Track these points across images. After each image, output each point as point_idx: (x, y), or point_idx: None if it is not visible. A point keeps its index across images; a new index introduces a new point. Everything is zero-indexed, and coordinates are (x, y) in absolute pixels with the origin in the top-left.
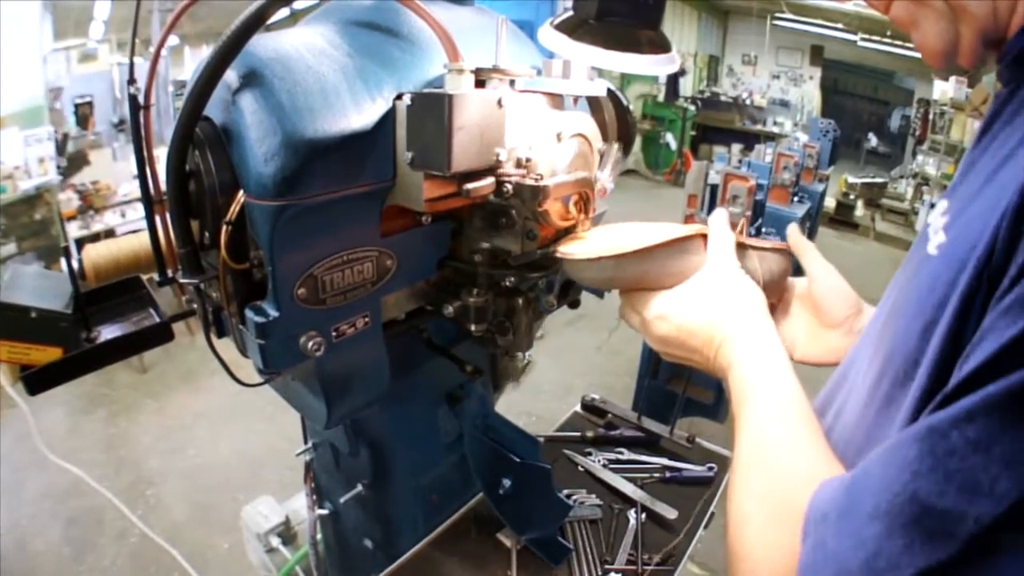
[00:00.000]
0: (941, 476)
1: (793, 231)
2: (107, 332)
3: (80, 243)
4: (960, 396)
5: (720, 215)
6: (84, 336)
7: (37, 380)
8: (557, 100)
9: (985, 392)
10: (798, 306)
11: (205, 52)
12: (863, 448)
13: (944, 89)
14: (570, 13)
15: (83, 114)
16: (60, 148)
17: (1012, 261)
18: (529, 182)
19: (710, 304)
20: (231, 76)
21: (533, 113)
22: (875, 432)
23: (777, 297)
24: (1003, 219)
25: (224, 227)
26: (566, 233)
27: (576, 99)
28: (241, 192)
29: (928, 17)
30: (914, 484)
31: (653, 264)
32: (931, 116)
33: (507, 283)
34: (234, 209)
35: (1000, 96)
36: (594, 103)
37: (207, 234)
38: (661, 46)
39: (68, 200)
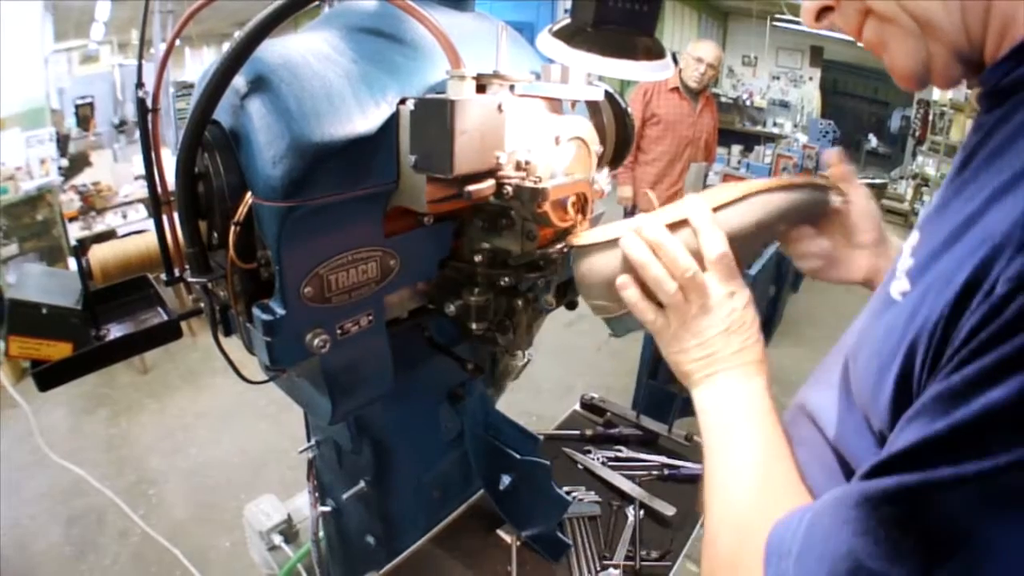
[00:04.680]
0: (872, 540)
1: (835, 159)
2: (115, 330)
3: (82, 243)
4: (891, 469)
5: (697, 206)
6: (93, 333)
7: (47, 377)
8: (556, 104)
9: (905, 479)
10: (828, 228)
11: (206, 53)
12: (838, 466)
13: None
14: (568, 20)
15: (84, 115)
16: (62, 149)
17: (949, 345)
18: (528, 184)
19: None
20: (239, 81)
21: (532, 117)
22: (853, 452)
23: (766, 240)
24: (947, 307)
25: (232, 227)
26: (565, 234)
27: (574, 103)
28: (249, 194)
29: (896, 36)
30: (851, 542)
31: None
32: (931, 117)
33: (506, 283)
34: (242, 210)
35: (981, 127)
36: (592, 106)
37: (215, 234)
38: (656, 53)
39: (70, 201)
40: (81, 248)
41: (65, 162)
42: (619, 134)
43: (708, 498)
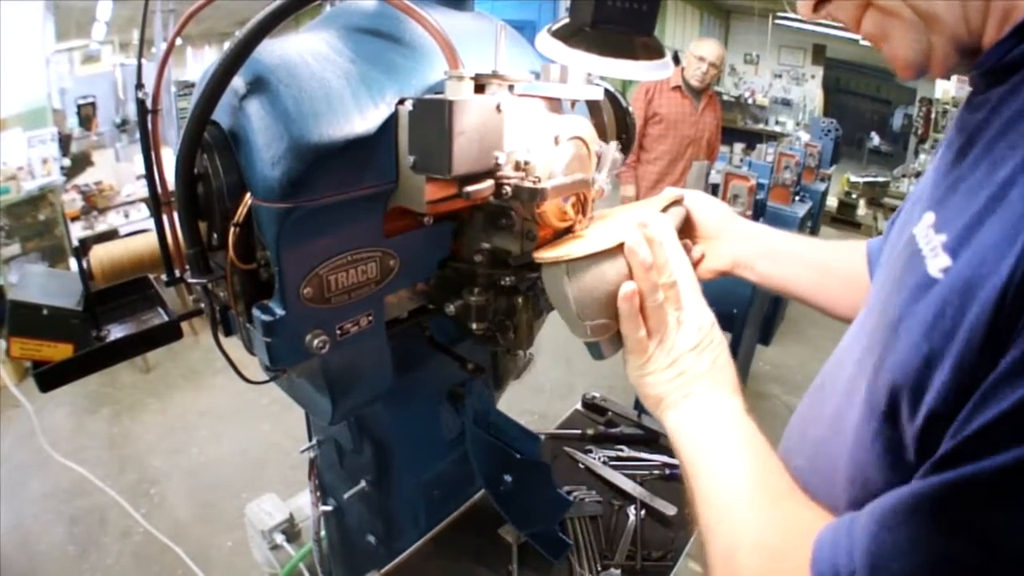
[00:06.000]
0: (969, 537)
1: (672, 190)
2: (116, 331)
3: (84, 243)
4: (986, 446)
5: (667, 228)
6: (94, 334)
7: (49, 377)
8: (555, 104)
9: (1007, 457)
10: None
11: (207, 53)
12: (860, 453)
13: (946, 88)
14: (567, 20)
15: (86, 115)
16: (64, 149)
17: None
18: (527, 184)
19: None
20: (238, 82)
21: (531, 117)
22: (868, 455)
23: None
24: (1019, 259)
25: (232, 228)
26: (565, 233)
27: (574, 102)
28: (248, 195)
29: (898, 28)
30: (947, 547)
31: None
32: (933, 115)
33: (506, 282)
34: (241, 211)
35: (982, 105)
36: (593, 106)
37: (215, 235)
38: (655, 52)
39: (72, 201)
40: (82, 248)
41: (67, 162)
42: (620, 133)
43: (713, 522)
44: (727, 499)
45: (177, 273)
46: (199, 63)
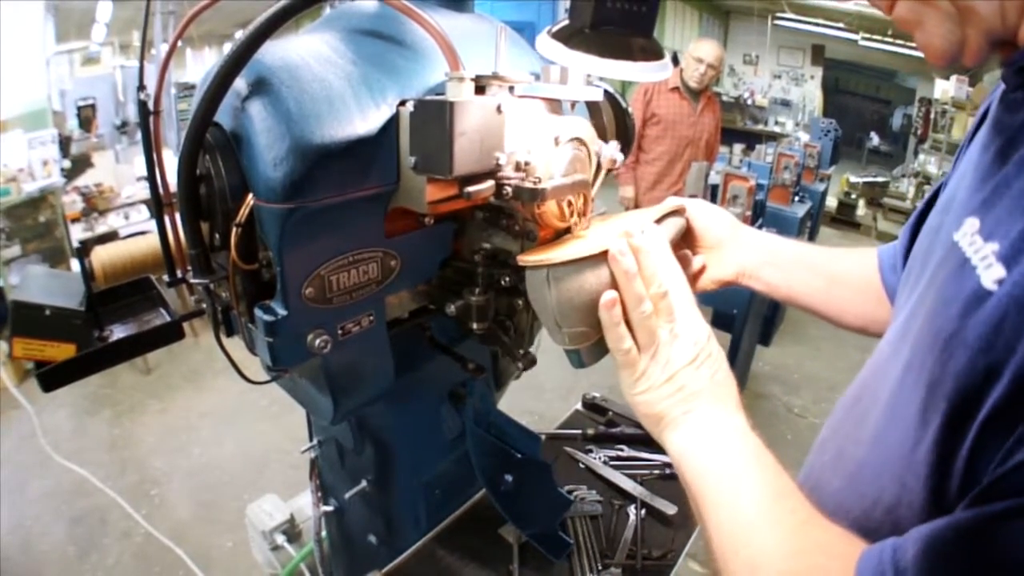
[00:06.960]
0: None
1: (673, 200)
2: (118, 331)
3: (84, 245)
4: None
5: (657, 238)
6: (96, 335)
7: (51, 377)
8: (555, 105)
9: None
10: (685, 242)
11: (207, 55)
12: (906, 472)
13: (945, 88)
14: (566, 22)
15: (86, 117)
16: (64, 150)
17: None
18: (528, 185)
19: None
20: (240, 83)
21: (532, 118)
22: (916, 479)
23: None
24: None
25: (234, 229)
26: (565, 233)
27: (574, 103)
28: (250, 195)
29: (933, 17)
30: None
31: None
32: (933, 115)
33: (506, 282)
34: (244, 212)
35: (1020, 104)
36: (593, 107)
37: (217, 236)
38: (653, 53)
39: (72, 202)
40: (84, 249)
41: (67, 163)
42: (619, 134)
43: (728, 549)
44: (744, 524)
45: (179, 274)
46: (199, 65)
